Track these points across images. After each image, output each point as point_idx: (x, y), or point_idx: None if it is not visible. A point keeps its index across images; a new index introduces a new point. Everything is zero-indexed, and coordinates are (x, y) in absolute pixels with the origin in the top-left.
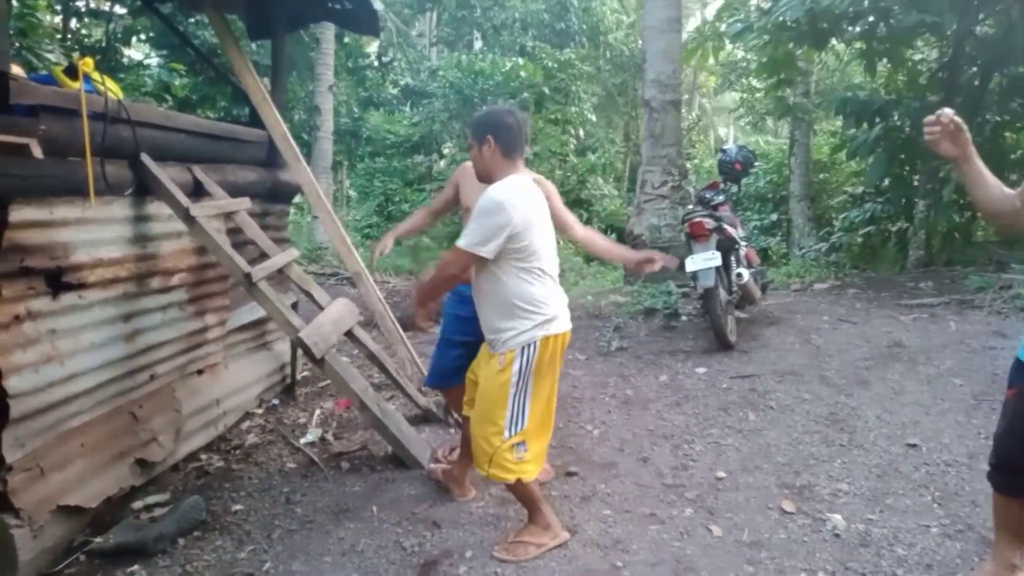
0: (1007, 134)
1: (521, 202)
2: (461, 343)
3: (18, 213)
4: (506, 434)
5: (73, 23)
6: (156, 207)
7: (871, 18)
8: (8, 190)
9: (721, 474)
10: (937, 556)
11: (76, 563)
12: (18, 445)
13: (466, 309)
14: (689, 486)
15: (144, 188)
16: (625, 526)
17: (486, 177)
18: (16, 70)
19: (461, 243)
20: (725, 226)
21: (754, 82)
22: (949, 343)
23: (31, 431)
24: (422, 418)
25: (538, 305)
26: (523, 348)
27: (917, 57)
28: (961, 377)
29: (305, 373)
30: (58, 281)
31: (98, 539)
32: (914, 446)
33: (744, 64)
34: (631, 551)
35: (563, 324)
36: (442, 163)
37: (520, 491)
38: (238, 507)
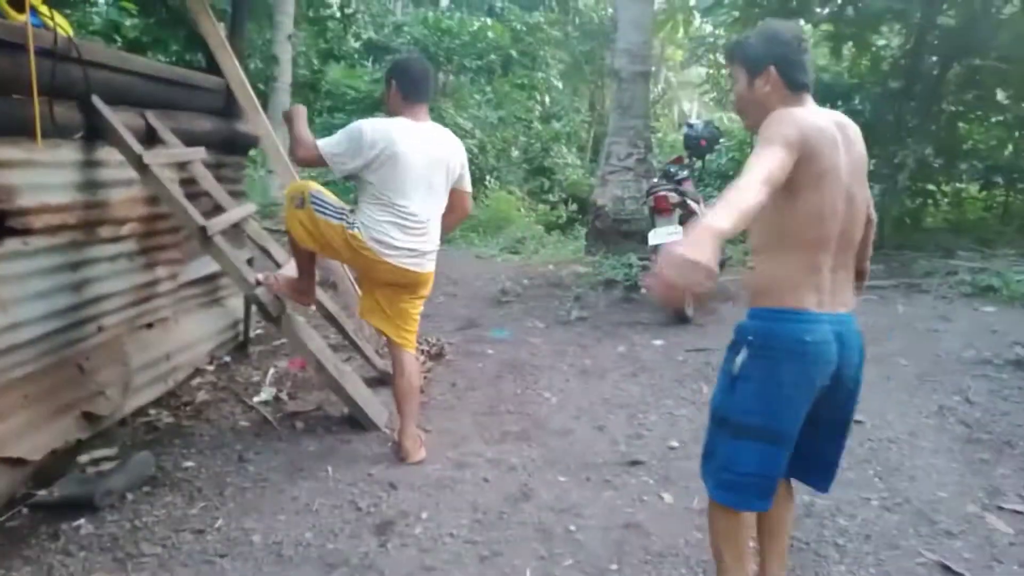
0: (961, 124)
1: (383, 136)
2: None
3: None
4: (294, 199)
5: None
6: (107, 153)
7: (839, 1)
8: None
9: (674, 443)
10: (876, 527)
11: (18, 516)
12: None
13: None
14: (643, 454)
15: (95, 132)
16: (580, 491)
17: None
18: None
19: (320, 142)
20: (688, 201)
21: (721, 58)
22: (896, 325)
23: None
24: (379, 380)
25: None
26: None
27: (881, 43)
28: (906, 358)
29: (259, 331)
30: (1, 226)
31: (42, 492)
32: (859, 422)
33: (712, 39)
34: (584, 515)
35: (400, 259)
36: None
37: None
38: (189, 464)
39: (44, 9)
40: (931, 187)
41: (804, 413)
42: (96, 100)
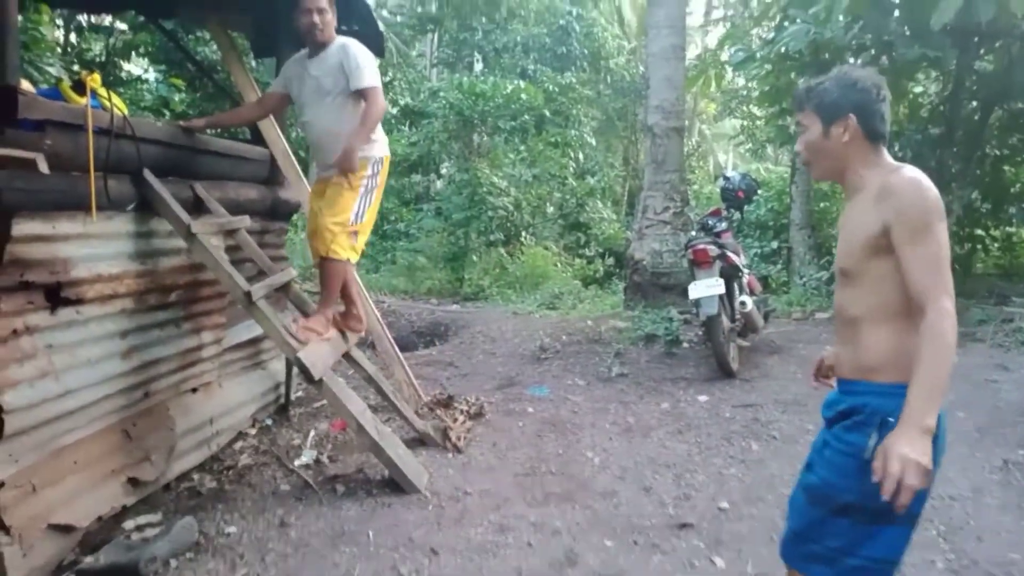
0: (1007, 168)
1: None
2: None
3: (20, 227)
4: (349, 225)
5: (73, 37)
6: (156, 223)
7: (873, 51)
8: (12, 204)
9: (724, 505)
10: None
11: None
12: (11, 461)
13: None
14: (692, 516)
15: (145, 204)
16: (628, 556)
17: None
18: (24, 85)
19: (372, 84)
20: (728, 253)
21: (755, 110)
22: (952, 376)
23: (25, 447)
24: (419, 441)
25: (379, 132)
26: (373, 162)
27: (918, 90)
28: (964, 410)
29: (299, 393)
30: (57, 296)
31: (88, 558)
32: None
33: (744, 92)
34: None
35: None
36: (439, 183)
37: (337, 271)
38: (231, 529)
39: (102, 91)
40: (980, 232)
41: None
42: (147, 174)
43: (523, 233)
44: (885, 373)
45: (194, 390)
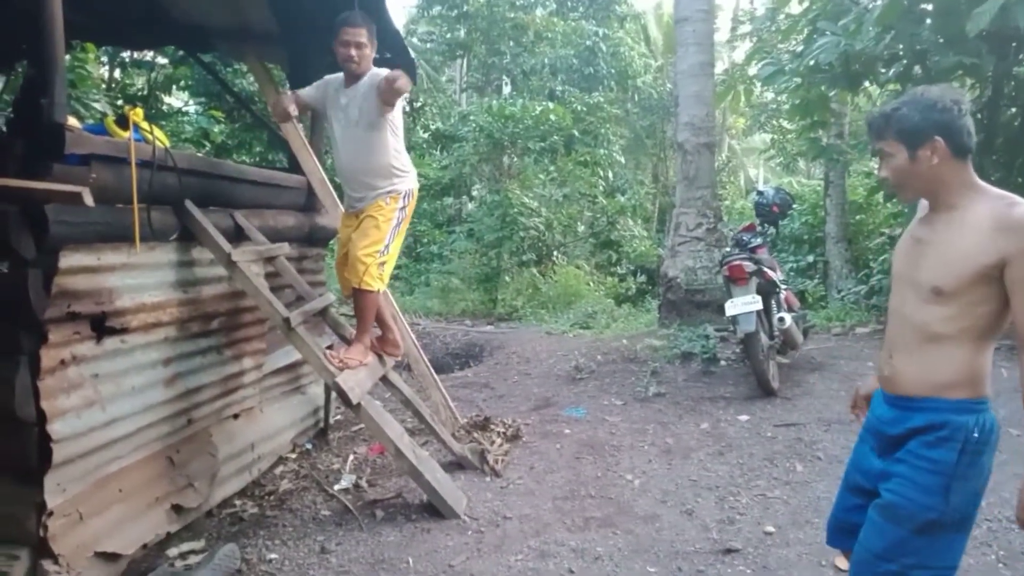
0: None
1: None
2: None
3: (67, 259)
4: (379, 256)
5: (117, 73)
6: (197, 252)
7: (905, 61)
8: (60, 237)
9: (770, 529)
10: None
11: None
12: (59, 490)
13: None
14: (737, 541)
15: (187, 233)
16: None
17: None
18: (72, 121)
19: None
20: (765, 269)
21: (785, 123)
22: (1002, 391)
23: (72, 476)
24: (457, 465)
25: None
26: (404, 195)
27: None
28: (1017, 427)
29: (338, 417)
30: (102, 326)
31: None
32: None
33: (774, 106)
34: None
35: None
36: (471, 205)
37: (371, 301)
38: (272, 556)
39: (145, 125)
40: None
41: None
42: (189, 204)
43: (555, 252)
44: (961, 389)
45: (236, 416)
